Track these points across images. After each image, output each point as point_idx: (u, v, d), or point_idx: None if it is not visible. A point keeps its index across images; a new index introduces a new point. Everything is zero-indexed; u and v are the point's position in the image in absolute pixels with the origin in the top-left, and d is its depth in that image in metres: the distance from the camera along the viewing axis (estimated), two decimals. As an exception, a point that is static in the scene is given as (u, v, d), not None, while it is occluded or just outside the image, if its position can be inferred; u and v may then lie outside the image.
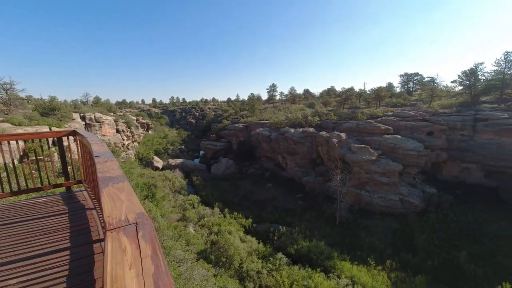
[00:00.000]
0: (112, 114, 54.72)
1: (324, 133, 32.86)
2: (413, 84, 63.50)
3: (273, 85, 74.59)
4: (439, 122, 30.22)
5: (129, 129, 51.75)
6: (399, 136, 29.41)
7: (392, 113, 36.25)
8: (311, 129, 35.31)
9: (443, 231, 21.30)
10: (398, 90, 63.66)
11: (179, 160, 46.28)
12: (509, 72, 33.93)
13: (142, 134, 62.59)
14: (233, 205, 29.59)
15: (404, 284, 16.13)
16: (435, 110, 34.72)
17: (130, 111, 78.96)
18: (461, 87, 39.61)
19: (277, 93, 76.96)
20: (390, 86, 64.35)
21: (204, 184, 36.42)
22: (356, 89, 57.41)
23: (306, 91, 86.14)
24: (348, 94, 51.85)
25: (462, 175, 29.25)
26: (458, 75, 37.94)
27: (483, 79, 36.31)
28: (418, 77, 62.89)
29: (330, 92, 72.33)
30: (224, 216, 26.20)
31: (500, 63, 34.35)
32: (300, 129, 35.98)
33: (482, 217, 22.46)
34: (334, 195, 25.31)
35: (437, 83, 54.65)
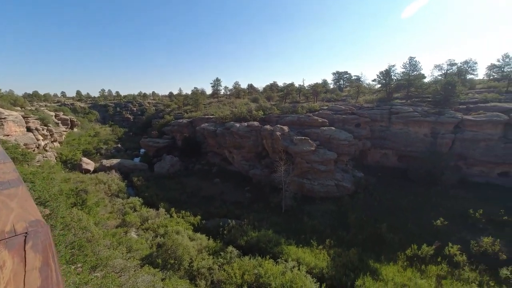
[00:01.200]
0: (19, 108, 45.28)
1: (268, 126, 34.13)
2: (343, 82, 71.46)
3: (218, 80, 73.41)
4: (364, 115, 34.86)
5: (45, 127, 43.65)
6: (333, 128, 32.78)
7: (327, 107, 40.08)
8: (256, 123, 36.23)
9: (369, 209, 24.88)
10: (331, 86, 70.70)
11: (115, 161, 41.53)
12: (412, 74, 41.34)
13: (64, 133, 53.73)
14: (180, 203, 28.33)
15: (340, 258, 18.27)
16: (361, 105, 39.87)
17: (46, 106, 66.70)
18: (380, 85, 46.39)
19: (221, 88, 76.11)
20: (325, 82, 70.85)
21: (146, 185, 33.72)
22: (296, 84, 61.35)
23: (250, 86, 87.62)
24: (289, 89, 54.91)
25: (382, 160, 34.56)
26: (377, 75, 44.36)
27: (395, 79, 43.33)
28: (347, 75, 71.06)
29: (272, 87, 75.30)
30: (171, 216, 24.87)
31: (406, 66, 41.52)
32: (245, 124, 36.52)
33: (396, 194, 27.10)
34: (279, 185, 26.72)
35: (362, 81, 62.63)
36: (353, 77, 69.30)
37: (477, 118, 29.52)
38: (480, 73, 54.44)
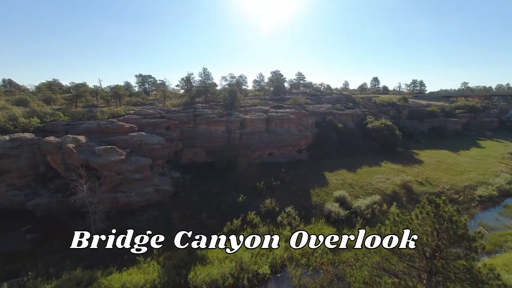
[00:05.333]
0: None
1: (52, 138, 25.62)
2: (148, 85, 69.74)
3: None
4: (173, 118, 36.43)
5: None
6: (144, 133, 31.20)
7: (134, 111, 37.29)
8: (28, 135, 25.89)
9: (190, 204, 26.66)
10: (136, 89, 66.46)
11: None
12: (207, 82, 49.10)
13: None
14: None
15: (170, 260, 18.15)
16: (168, 108, 41.17)
17: None
18: (183, 91, 50.50)
19: None
20: (128, 85, 65.15)
21: None
22: (91, 85, 51.07)
23: (9, 82, 60.90)
24: (81, 91, 44.45)
25: (194, 158, 38.11)
26: (179, 81, 47.93)
27: (195, 86, 49.21)
28: (152, 79, 70.16)
29: (53, 86, 57.34)
30: None
31: (202, 75, 48.47)
32: (7, 137, 24.94)
33: (209, 184, 31.13)
34: (83, 208, 21.21)
35: (167, 85, 64.67)
36: (158, 81, 69.72)
37: (252, 117, 41.06)
38: (250, 85, 75.96)
